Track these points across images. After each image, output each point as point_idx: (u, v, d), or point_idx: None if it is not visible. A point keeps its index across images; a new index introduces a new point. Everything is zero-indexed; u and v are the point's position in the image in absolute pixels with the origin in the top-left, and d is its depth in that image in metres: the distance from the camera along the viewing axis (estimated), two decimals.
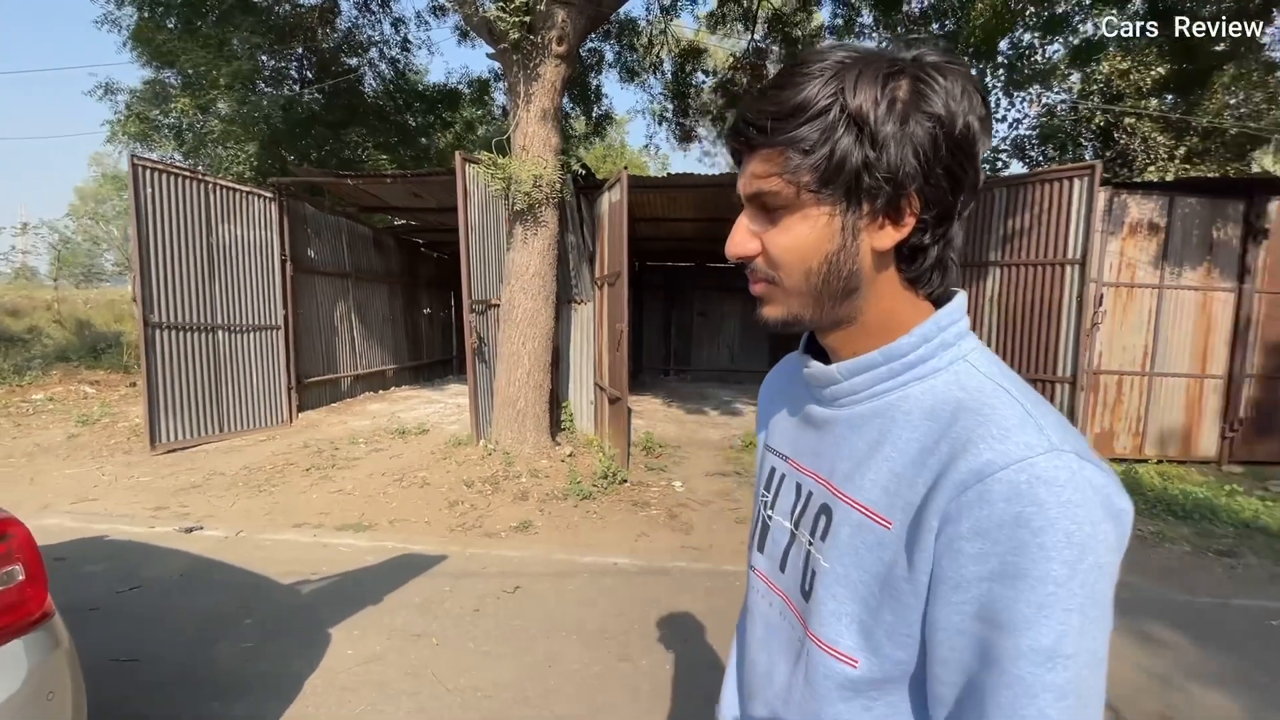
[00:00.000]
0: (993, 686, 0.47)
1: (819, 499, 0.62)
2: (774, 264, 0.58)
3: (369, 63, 11.54)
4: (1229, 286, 6.42)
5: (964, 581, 0.48)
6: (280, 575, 3.49)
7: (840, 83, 0.51)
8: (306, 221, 8.30)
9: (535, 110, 5.57)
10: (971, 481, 0.47)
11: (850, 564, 0.56)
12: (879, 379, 0.59)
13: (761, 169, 0.56)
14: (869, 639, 0.56)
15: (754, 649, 0.71)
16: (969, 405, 0.53)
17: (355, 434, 6.95)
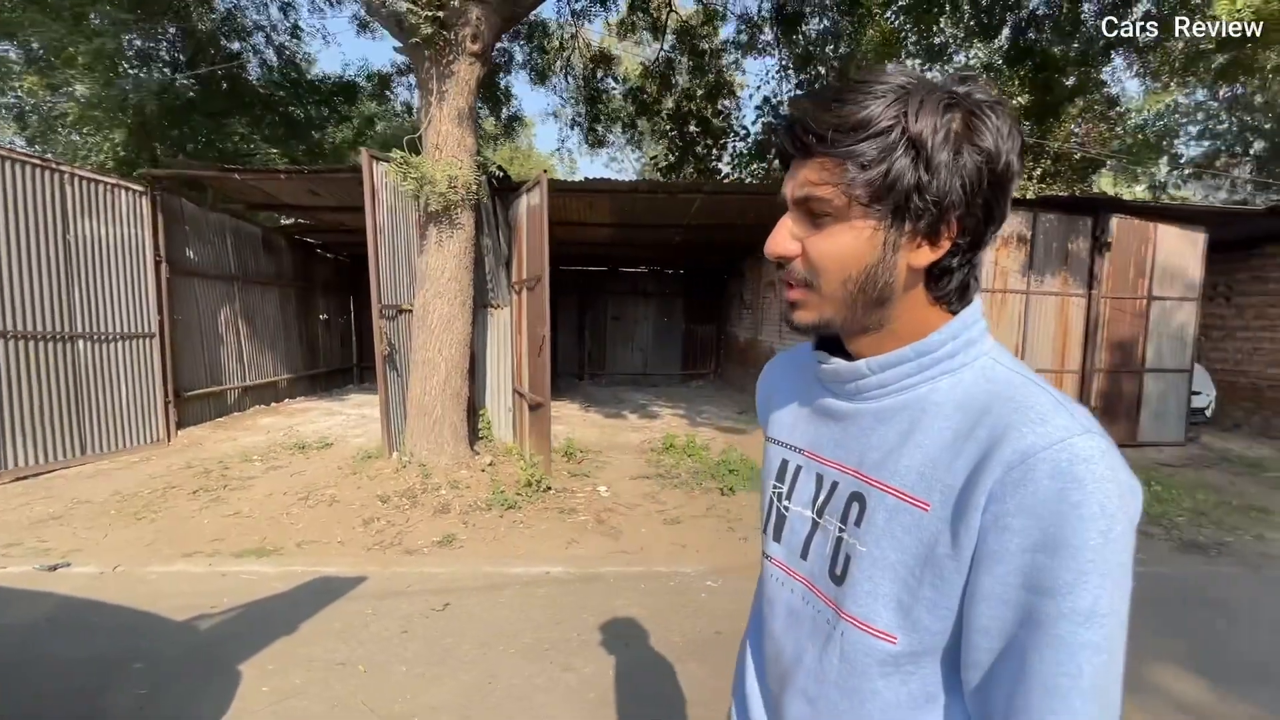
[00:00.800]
0: (1034, 646, 0.51)
1: (847, 488, 0.65)
2: (814, 268, 0.61)
3: (253, 49, 10.68)
4: (1081, 292, 7.32)
5: (1009, 553, 0.52)
6: (172, 611, 3.13)
7: (903, 106, 0.55)
8: (184, 219, 7.53)
9: (449, 109, 5.38)
10: (1017, 461, 0.52)
11: (888, 546, 0.60)
12: (908, 373, 0.63)
13: (816, 176, 0.59)
14: (907, 615, 0.59)
15: (779, 635, 0.72)
16: (1002, 394, 0.58)
17: (248, 451, 6.37)
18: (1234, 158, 12.94)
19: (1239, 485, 6.06)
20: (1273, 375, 8.48)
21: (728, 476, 5.67)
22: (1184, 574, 3.95)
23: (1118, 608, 0.51)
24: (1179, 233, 7.49)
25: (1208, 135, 13.12)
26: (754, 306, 11.17)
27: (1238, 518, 5.03)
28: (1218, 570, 4.02)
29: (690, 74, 11.44)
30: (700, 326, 14.14)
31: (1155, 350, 7.59)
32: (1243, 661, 2.91)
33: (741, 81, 13.39)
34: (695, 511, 4.91)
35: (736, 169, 12.39)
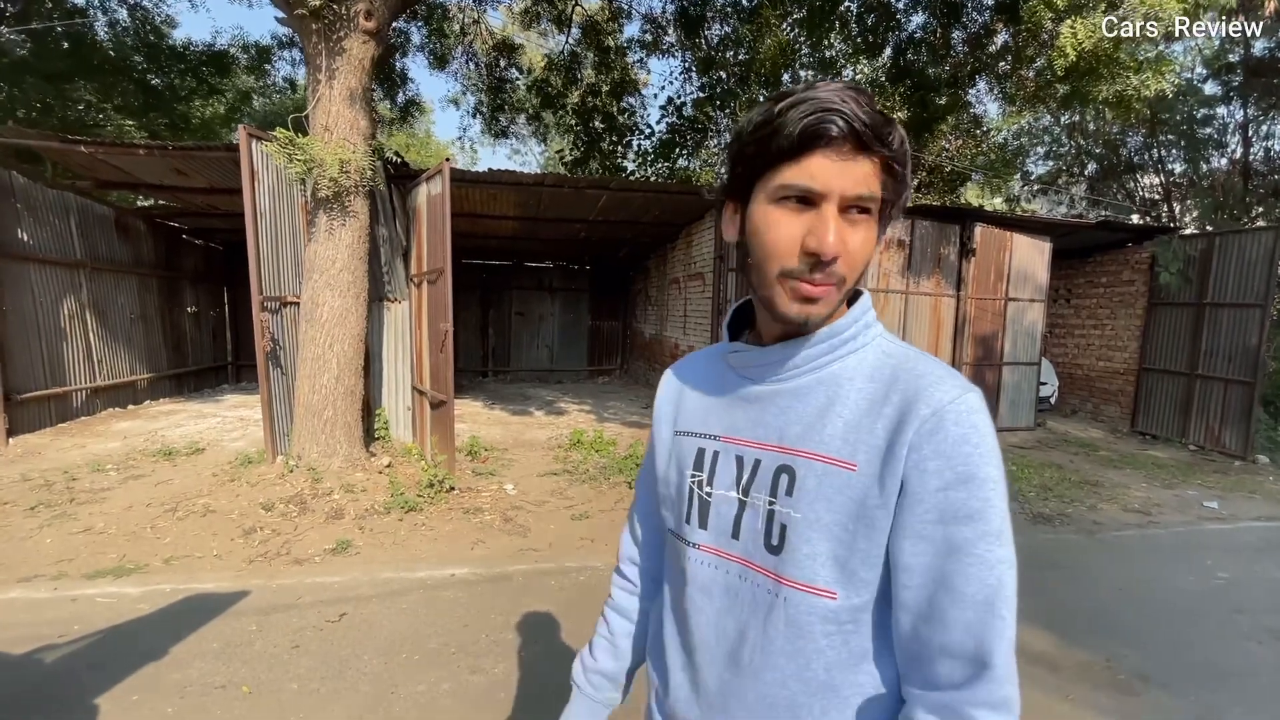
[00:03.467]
0: (958, 569, 0.60)
1: (772, 463, 0.70)
2: (851, 264, 0.65)
3: (101, 6, 9.44)
4: (951, 293, 8.07)
5: (927, 492, 0.61)
6: (9, 644, 2.73)
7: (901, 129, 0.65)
8: (15, 195, 6.55)
9: (340, 89, 5.04)
10: (929, 415, 0.62)
11: (822, 509, 0.65)
12: (821, 353, 0.71)
13: (871, 176, 0.63)
14: (844, 569, 0.65)
15: (717, 617, 0.74)
16: (904, 366, 0.68)
17: (100, 459, 5.66)
18: (1072, 177, 14.78)
19: (1076, 463, 6.95)
20: (1101, 367, 9.77)
21: (635, 470, 5.75)
22: (1034, 542, 4.47)
23: (1009, 526, 0.62)
24: (1030, 241, 8.44)
25: (1052, 156, 14.90)
26: (659, 303, 11.36)
27: (1075, 491, 5.77)
28: (1060, 537, 4.59)
29: (596, 69, 11.42)
30: (606, 323, 14.19)
31: (1011, 345, 8.52)
32: (1079, 615, 3.35)
33: (646, 80, 13.53)
34: (604, 506, 4.93)
35: (641, 167, 12.53)
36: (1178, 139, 12.40)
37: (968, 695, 0.60)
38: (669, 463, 0.84)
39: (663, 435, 0.87)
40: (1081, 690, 2.66)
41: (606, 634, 0.97)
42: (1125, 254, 9.29)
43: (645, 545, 0.98)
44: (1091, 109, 9.11)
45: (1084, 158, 14.40)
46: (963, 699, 0.60)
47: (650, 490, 0.92)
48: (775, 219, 0.65)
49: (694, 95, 11.48)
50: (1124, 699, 2.61)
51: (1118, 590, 3.68)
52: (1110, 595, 3.61)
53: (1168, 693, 2.65)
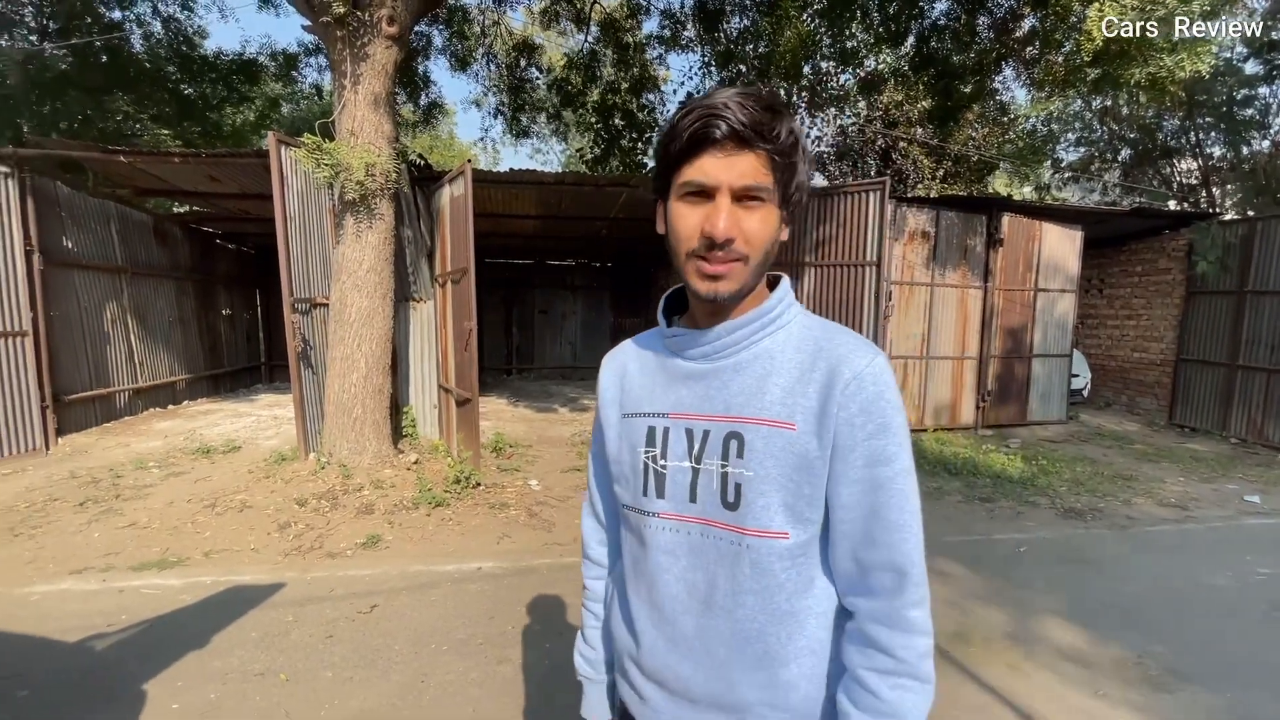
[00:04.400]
0: (884, 501, 0.74)
1: (720, 431, 0.80)
2: (751, 245, 0.75)
3: (137, 20, 9.75)
4: (978, 285, 7.92)
5: (856, 443, 0.75)
6: (62, 633, 2.87)
7: (793, 121, 0.75)
8: (60, 204, 6.81)
9: (365, 94, 5.15)
10: (852, 378, 0.75)
11: (770, 465, 0.76)
12: (753, 331, 0.81)
13: (759, 169, 0.73)
14: (792, 513, 0.77)
15: (685, 573, 0.83)
16: (825, 338, 0.80)
17: (143, 457, 5.88)
18: (1105, 163, 14.35)
19: (1110, 457, 6.78)
20: (1137, 359, 9.51)
21: None
22: (1065, 536, 4.39)
23: (913, 463, 0.78)
24: (1060, 230, 8.24)
25: (1084, 142, 14.48)
26: None
27: (1108, 486, 5.64)
28: (1092, 533, 4.50)
29: (615, 67, 11.43)
30: (628, 319, 14.23)
31: (1041, 337, 8.34)
32: (1111, 611, 3.28)
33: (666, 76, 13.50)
34: None
35: None
36: (1216, 121, 11.95)
37: (900, 600, 0.74)
38: (620, 443, 0.91)
39: (611, 419, 0.94)
40: (1113, 686, 2.62)
41: (595, 623, 1.06)
42: (1161, 242, 9.01)
43: (610, 520, 1.06)
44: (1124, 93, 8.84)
45: (1117, 143, 13.98)
46: (898, 604, 0.74)
47: (603, 471, 0.99)
48: (681, 211, 0.76)
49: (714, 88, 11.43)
50: (1157, 695, 2.56)
51: (1151, 586, 3.60)
52: (1143, 591, 3.53)
53: (1203, 689, 2.60)
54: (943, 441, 7.14)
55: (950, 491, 5.40)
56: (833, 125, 13.46)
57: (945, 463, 6.13)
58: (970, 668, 2.73)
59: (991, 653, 2.85)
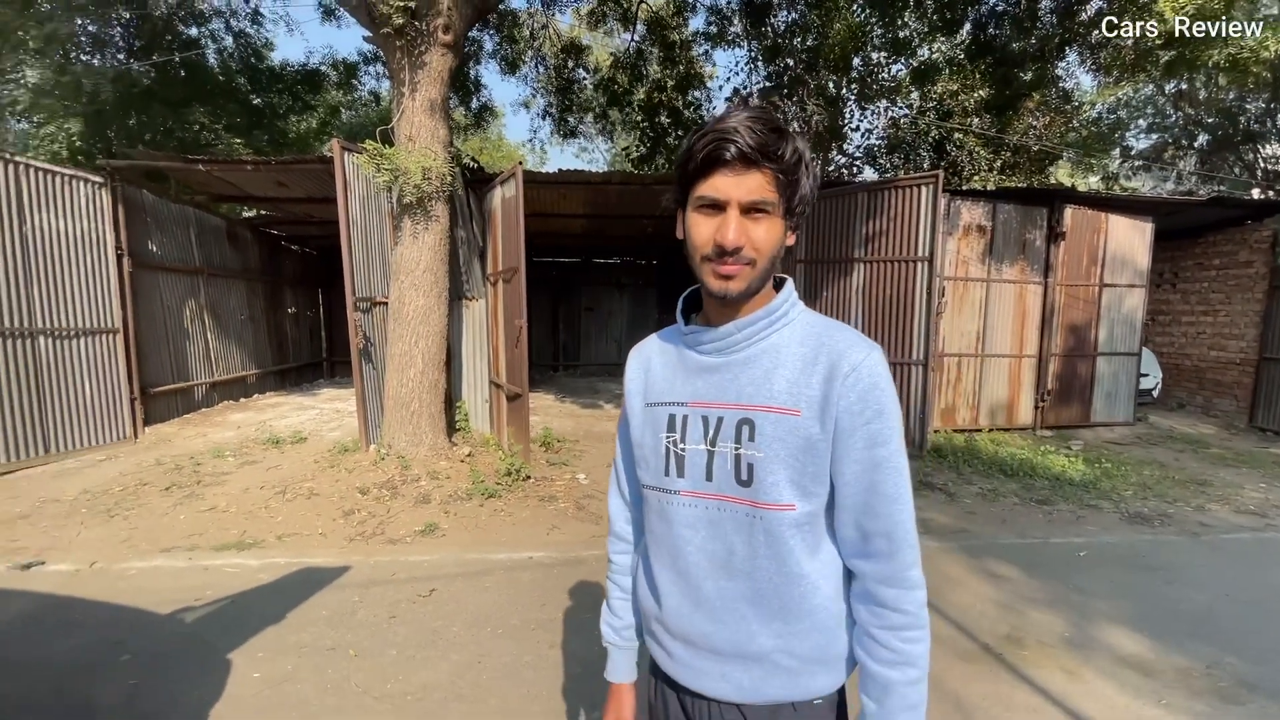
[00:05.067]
0: (882, 478, 0.85)
1: (734, 418, 0.89)
2: (758, 252, 0.86)
3: (212, 35, 10.37)
4: (1038, 280, 7.63)
5: (856, 427, 0.85)
6: (156, 605, 3.14)
7: (797, 141, 0.84)
8: (146, 210, 7.33)
9: (421, 100, 5.36)
10: (851, 371, 0.84)
11: (778, 447, 0.86)
12: (762, 329, 0.91)
13: (764, 185, 0.83)
14: (799, 488, 0.87)
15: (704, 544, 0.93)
16: (826, 334, 0.89)
17: (219, 447, 6.28)
18: (1180, 150, 13.53)
19: (1182, 461, 6.44)
20: (1214, 357, 8.96)
21: None
22: (1129, 542, 4.22)
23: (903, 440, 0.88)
24: (1129, 222, 7.85)
25: (1156, 128, 13.68)
26: None
27: (1179, 491, 5.37)
28: (1160, 539, 4.30)
29: (661, 65, 11.47)
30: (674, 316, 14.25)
31: (1107, 335, 7.97)
32: (1178, 619, 3.16)
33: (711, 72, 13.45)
34: None
35: None
36: None
37: (899, 561, 0.86)
38: (643, 430, 1.01)
39: (635, 407, 1.04)
40: (1177, 697, 2.53)
41: (621, 594, 1.15)
42: (1242, 233, 8.47)
43: (634, 500, 1.15)
44: (1201, 75, 8.33)
45: (1193, 129, 13.15)
46: (897, 565, 0.86)
47: (629, 455, 1.10)
48: (697, 221, 0.87)
49: (760, 85, 11.34)
50: (1226, 707, 2.46)
51: (1224, 595, 3.43)
52: (1215, 600, 3.38)
53: (1275, 703, 2.48)
54: (998, 442, 6.92)
55: (1005, 493, 5.25)
56: (884, 117, 13.15)
57: (1000, 464, 5.95)
58: (1023, 670, 2.68)
59: (1046, 657, 2.79)
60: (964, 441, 6.80)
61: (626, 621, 1.14)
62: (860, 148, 13.11)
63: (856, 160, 13.00)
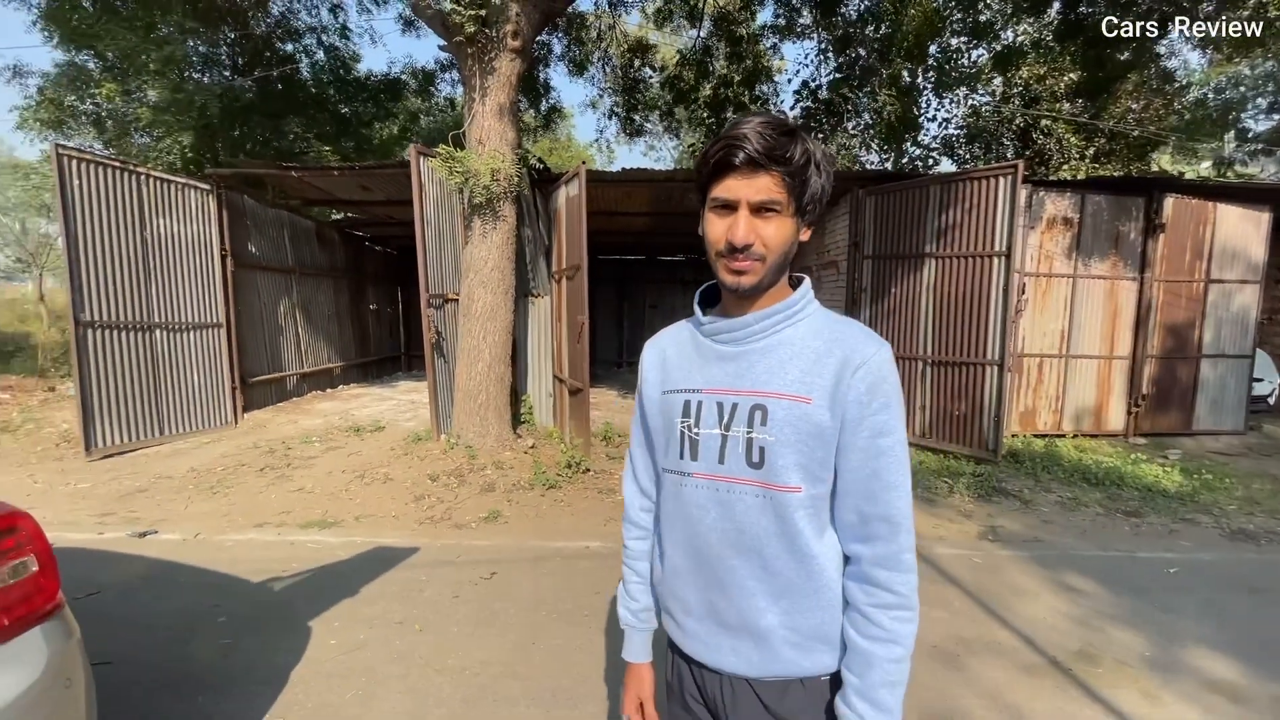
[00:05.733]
0: (885, 466, 0.90)
1: (748, 403, 0.95)
2: (768, 248, 0.91)
3: (305, 50, 11.12)
4: (1132, 276, 7.08)
5: (864, 417, 0.90)
6: (248, 574, 3.45)
7: (808, 142, 0.88)
8: (246, 214, 7.99)
9: (491, 104, 5.58)
10: (861, 363, 0.90)
11: (789, 432, 0.92)
12: (778, 321, 0.97)
13: (772, 186, 0.88)
14: (806, 471, 0.93)
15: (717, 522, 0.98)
16: (839, 328, 0.95)
17: (308, 433, 6.78)
18: None
19: None
20: None
21: None
22: (1229, 560, 3.88)
23: (905, 431, 0.98)
24: (1241, 212, 7.15)
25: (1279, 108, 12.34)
26: None
27: None
28: (1266, 558, 3.93)
29: (727, 60, 11.38)
30: None
31: (1213, 335, 7.30)
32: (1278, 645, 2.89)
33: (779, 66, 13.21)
34: None
35: None
36: None
37: (895, 545, 0.91)
38: (659, 415, 1.07)
39: (651, 396, 1.10)
40: None
41: (637, 578, 1.20)
42: None
43: (649, 486, 1.21)
44: None
45: None
46: (894, 549, 0.91)
47: (645, 441, 1.17)
48: (711, 220, 0.93)
49: (830, 77, 11.05)
50: None
51: None
52: None
53: None
54: (1083, 449, 6.49)
55: (1088, 503, 4.93)
56: (963, 106, 12.52)
57: (1084, 471, 5.59)
58: (1094, 689, 2.53)
59: (1122, 676, 2.63)
60: (1044, 447, 6.42)
61: (643, 604, 1.19)
62: (937, 138, 12.55)
63: (933, 152, 12.45)
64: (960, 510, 4.73)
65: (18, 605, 1.36)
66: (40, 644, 1.39)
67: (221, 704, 2.35)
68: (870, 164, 13.46)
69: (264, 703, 2.36)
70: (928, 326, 6.37)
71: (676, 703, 1.12)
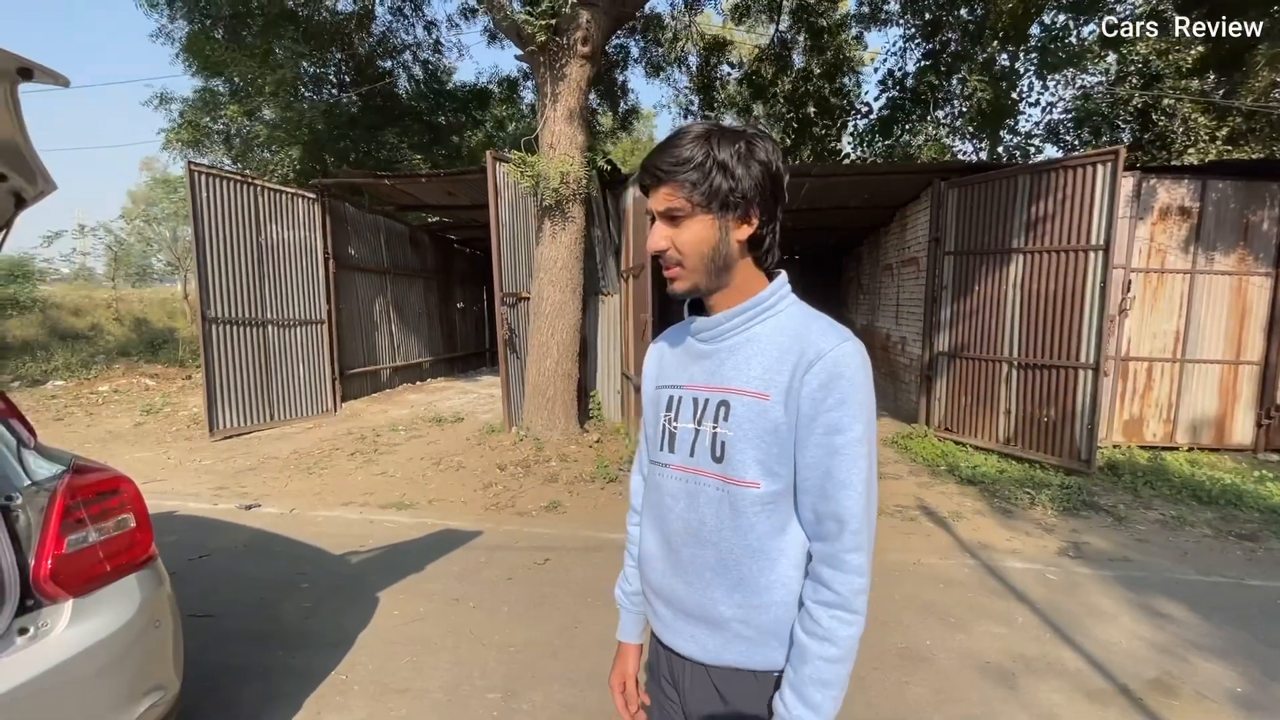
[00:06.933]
0: (837, 464, 0.90)
1: (716, 399, 0.98)
2: (682, 253, 0.95)
3: (403, 65, 11.91)
4: (1265, 271, 6.28)
5: (818, 414, 0.89)
6: (331, 547, 3.81)
7: (709, 144, 0.90)
8: (347, 220, 8.71)
9: (562, 109, 5.79)
10: (816, 359, 0.89)
11: (748, 427, 0.93)
12: (748, 319, 0.98)
13: (670, 193, 0.93)
14: (764, 467, 0.94)
15: (684, 513, 1.02)
16: (804, 324, 0.95)
17: (395, 422, 7.31)
18: None
19: None
20: None
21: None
22: None
23: (871, 434, 0.91)
24: None
25: None
26: (870, 290, 10.70)
27: None
28: None
29: (808, 53, 11.11)
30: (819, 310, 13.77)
31: None
32: None
33: (867, 56, 12.71)
34: None
35: (858, 147, 11.87)
36: None
37: (839, 544, 0.91)
38: (651, 408, 1.13)
39: (648, 390, 1.15)
40: None
41: (632, 562, 1.26)
42: None
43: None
44: None
45: None
46: (838, 548, 0.91)
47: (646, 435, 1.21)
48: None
49: (918, 64, 10.53)
50: None
51: None
52: None
53: None
54: (1198, 463, 5.85)
55: (1195, 523, 4.45)
56: (1071, 87, 11.54)
57: (1195, 488, 5.04)
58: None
59: (1202, 711, 2.39)
60: (1150, 460, 5.84)
61: (636, 588, 1.24)
62: (1040, 124, 11.65)
63: (1034, 139, 11.58)
64: (1040, 524, 4.42)
65: (118, 554, 1.62)
66: (135, 588, 1.64)
67: (296, 658, 2.63)
68: (963, 154, 12.70)
69: (332, 661, 2.62)
70: (1014, 327, 5.96)
71: (654, 683, 1.17)
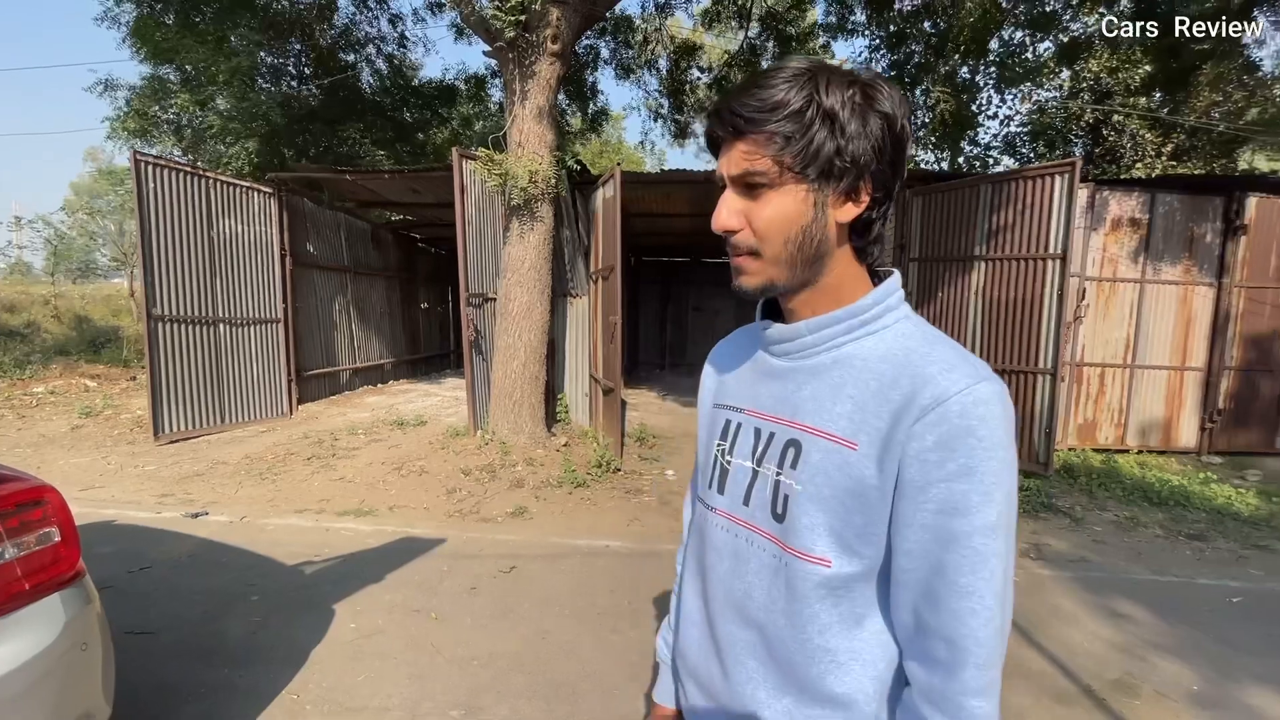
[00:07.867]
0: (955, 562, 0.62)
1: (783, 436, 0.73)
2: (759, 235, 0.68)
3: (366, 59, 11.61)
4: (1209, 281, 6.58)
5: (930, 483, 0.62)
6: (284, 557, 3.62)
7: (813, 85, 0.64)
8: (305, 216, 8.41)
9: (531, 107, 5.68)
10: (932, 405, 0.61)
11: (821, 482, 0.68)
12: (839, 333, 0.71)
13: (751, 151, 0.66)
14: (839, 540, 0.68)
15: (725, 577, 0.79)
16: (919, 350, 0.67)
17: (355, 425, 7.07)
18: None
19: None
20: None
21: None
22: None
23: (1010, 521, 0.63)
24: None
25: None
26: None
27: None
28: None
29: (775, 60, 11.23)
30: None
31: None
32: None
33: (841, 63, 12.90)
34: None
35: None
36: None
37: (955, 683, 0.63)
38: (705, 431, 0.88)
39: (705, 408, 0.90)
40: None
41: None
42: None
43: None
44: None
45: None
46: (954, 687, 0.63)
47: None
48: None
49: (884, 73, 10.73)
50: None
51: None
52: None
53: None
54: (1147, 465, 6.07)
55: (1147, 523, 4.61)
56: (1028, 102, 11.94)
57: (1145, 489, 5.23)
58: None
59: (1163, 710, 2.44)
60: (1102, 462, 6.04)
61: None
62: (998, 137, 12.02)
63: (992, 151, 11.94)
64: None
65: (39, 572, 1.47)
66: (59, 609, 1.50)
67: (244, 677, 2.47)
68: (926, 164, 13.01)
69: (282, 679, 2.47)
70: (976, 333, 6.09)
71: None
